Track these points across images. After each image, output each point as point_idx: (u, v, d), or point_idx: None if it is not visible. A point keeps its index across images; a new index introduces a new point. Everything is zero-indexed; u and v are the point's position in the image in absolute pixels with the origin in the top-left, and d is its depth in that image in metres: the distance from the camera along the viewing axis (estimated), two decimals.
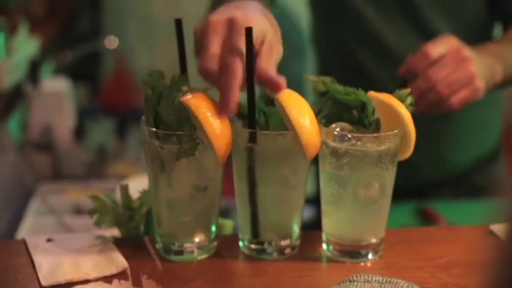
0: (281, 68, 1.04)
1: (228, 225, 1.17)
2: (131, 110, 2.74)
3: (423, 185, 1.72)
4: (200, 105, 0.95)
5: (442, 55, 1.24)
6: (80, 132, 2.13)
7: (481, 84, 1.25)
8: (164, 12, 3.40)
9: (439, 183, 1.73)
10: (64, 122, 2.09)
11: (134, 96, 2.98)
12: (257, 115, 1.00)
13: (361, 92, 1.00)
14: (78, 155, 2.03)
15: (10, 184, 1.71)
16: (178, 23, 1.01)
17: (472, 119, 1.68)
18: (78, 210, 1.70)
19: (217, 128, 0.94)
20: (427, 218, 1.69)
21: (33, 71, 2.07)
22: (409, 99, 1.02)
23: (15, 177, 1.75)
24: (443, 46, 1.25)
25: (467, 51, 1.25)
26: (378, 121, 1.00)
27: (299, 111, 0.96)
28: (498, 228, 1.12)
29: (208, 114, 0.94)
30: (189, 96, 0.96)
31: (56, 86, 2.15)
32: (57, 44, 2.81)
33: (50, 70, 2.48)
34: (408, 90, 1.03)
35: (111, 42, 2.93)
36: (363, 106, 1.01)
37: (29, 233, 1.54)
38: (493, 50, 1.37)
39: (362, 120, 1.01)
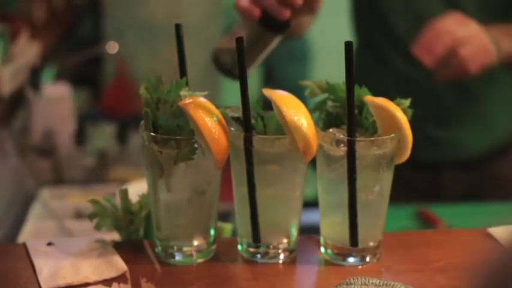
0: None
1: (226, 228, 1.17)
2: (132, 114, 2.74)
3: (440, 163, 1.77)
4: (198, 110, 0.96)
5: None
6: (80, 137, 2.14)
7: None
8: (165, 17, 3.41)
9: (456, 162, 1.77)
10: (65, 127, 2.10)
11: (135, 101, 2.98)
12: (254, 119, 1.01)
13: (362, 90, 1.01)
14: (79, 159, 2.04)
15: (11, 189, 1.72)
16: (178, 28, 1.02)
17: (493, 105, 1.74)
18: (79, 215, 1.71)
19: (215, 133, 0.95)
20: (426, 221, 1.69)
21: (35, 77, 2.09)
22: (407, 103, 1.02)
23: (16, 182, 1.76)
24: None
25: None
26: (375, 125, 1.01)
27: (296, 114, 0.97)
28: (496, 231, 1.12)
29: (207, 119, 0.95)
30: (187, 101, 0.97)
31: (57, 91, 2.16)
32: (58, 50, 2.82)
33: (51, 75, 2.49)
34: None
35: (112, 47, 2.94)
36: (361, 107, 1.01)
37: (30, 237, 1.55)
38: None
39: (360, 121, 1.01)
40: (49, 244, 1.06)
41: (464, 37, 1.49)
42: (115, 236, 1.12)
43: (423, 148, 1.47)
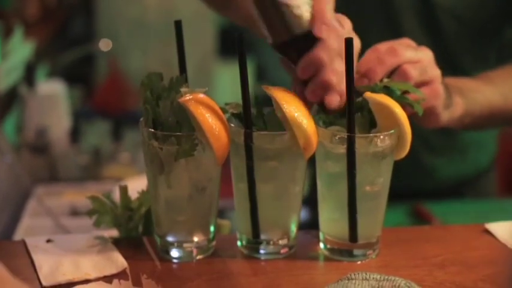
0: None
1: (225, 225, 1.18)
2: (125, 112, 2.75)
3: (412, 192, 1.72)
4: (199, 106, 0.96)
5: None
6: (75, 135, 2.14)
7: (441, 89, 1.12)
8: (157, 14, 3.41)
9: (428, 192, 1.74)
10: (59, 125, 2.09)
11: (128, 99, 2.98)
12: (254, 116, 1.01)
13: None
14: (74, 157, 2.04)
15: (6, 186, 1.72)
16: (178, 25, 1.02)
17: (465, 139, 1.69)
18: (74, 212, 1.70)
19: (215, 129, 0.96)
20: (420, 218, 1.70)
21: (29, 74, 2.08)
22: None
23: (11, 179, 1.75)
24: (417, 52, 1.11)
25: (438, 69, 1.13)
26: (373, 120, 1.02)
27: (296, 111, 0.97)
28: (493, 226, 1.13)
29: (207, 115, 0.96)
30: (187, 97, 0.97)
31: (51, 89, 2.15)
32: (51, 47, 2.81)
33: (44, 73, 2.49)
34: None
35: (105, 44, 2.94)
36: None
37: (26, 234, 1.54)
38: (463, 84, 1.25)
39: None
40: (48, 241, 1.06)
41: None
42: (112, 233, 1.12)
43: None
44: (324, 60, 1.01)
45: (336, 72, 1.01)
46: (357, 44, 1.06)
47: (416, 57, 1.09)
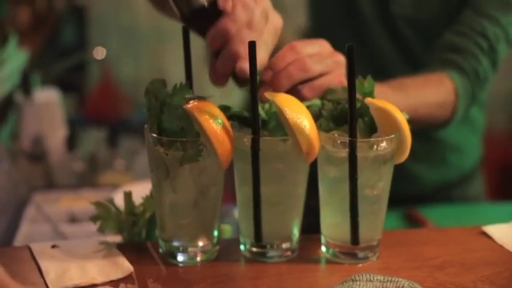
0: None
1: (227, 229, 1.19)
2: (118, 119, 2.76)
3: (398, 198, 1.73)
4: (203, 113, 0.98)
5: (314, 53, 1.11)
6: (70, 142, 2.14)
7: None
8: (148, 22, 3.42)
9: (415, 197, 1.75)
10: (55, 132, 2.10)
11: (120, 106, 2.99)
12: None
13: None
14: (70, 164, 2.04)
15: (4, 193, 1.73)
16: (185, 31, 1.04)
17: (445, 145, 1.72)
18: (72, 219, 1.71)
19: (220, 135, 0.97)
20: (414, 222, 1.72)
21: (25, 82, 2.08)
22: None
23: (9, 187, 1.76)
24: (314, 46, 1.12)
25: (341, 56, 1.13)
26: (374, 126, 1.04)
27: (299, 117, 0.99)
28: (490, 229, 1.15)
29: (211, 121, 0.97)
30: (192, 103, 0.98)
31: (47, 97, 2.16)
32: (43, 55, 2.82)
33: (37, 81, 2.50)
34: None
35: (99, 53, 2.95)
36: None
37: (26, 241, 1.55)
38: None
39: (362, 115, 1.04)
40: (53, 247, 1.08)
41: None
42: (114, 239, 1.13)
43: None
44: (230, 32, 1.06)
45: (244, 43, 1.04)
46: (277, 21, 1.11)
47: (314, 51, 1.10)
